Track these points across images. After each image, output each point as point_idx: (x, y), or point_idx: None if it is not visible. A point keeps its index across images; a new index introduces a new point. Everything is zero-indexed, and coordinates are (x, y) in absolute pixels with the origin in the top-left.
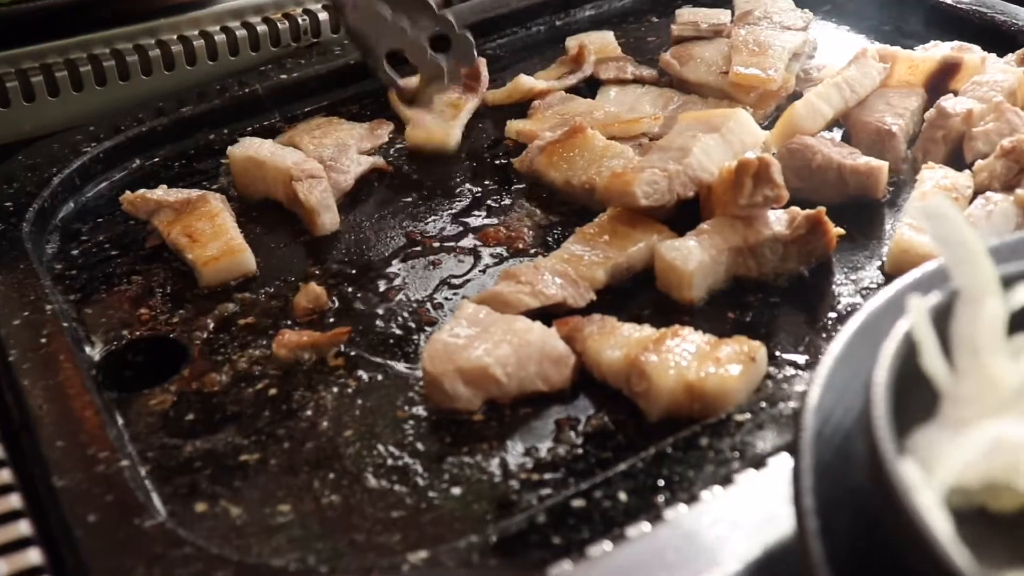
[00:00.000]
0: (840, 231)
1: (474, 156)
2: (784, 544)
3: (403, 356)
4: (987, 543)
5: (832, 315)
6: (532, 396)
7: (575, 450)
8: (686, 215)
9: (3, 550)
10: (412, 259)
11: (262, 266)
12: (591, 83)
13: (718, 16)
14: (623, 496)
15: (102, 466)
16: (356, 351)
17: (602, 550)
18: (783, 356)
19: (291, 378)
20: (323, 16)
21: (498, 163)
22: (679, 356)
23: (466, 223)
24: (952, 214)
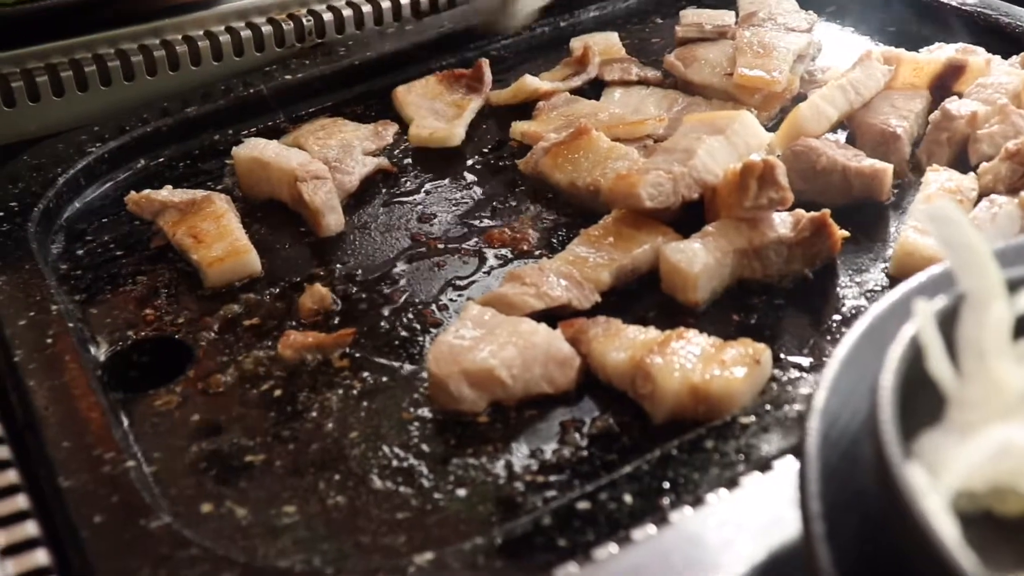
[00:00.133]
0: (845, 233)
1: (479, 158)
2: (790, 547)
3: (408, 358)
4: (993, 547)
5: (836, 318)
6: (537, 398)
7: (580, 452)
8: (691, 217)
9: (10, 551)
10: (417, 260)
11: (267, 267)
12: (595, 84)
13: (722, 17)
14: (628, 498)
15: (108, 467)
16: (361, 352)
17: (607, 552)
18: (788, 359)
19: (296, 379)
20: (327, 17)
21: (503, 165)
22: (684, 358)
23: (471, 224)
24: (957, 217)
